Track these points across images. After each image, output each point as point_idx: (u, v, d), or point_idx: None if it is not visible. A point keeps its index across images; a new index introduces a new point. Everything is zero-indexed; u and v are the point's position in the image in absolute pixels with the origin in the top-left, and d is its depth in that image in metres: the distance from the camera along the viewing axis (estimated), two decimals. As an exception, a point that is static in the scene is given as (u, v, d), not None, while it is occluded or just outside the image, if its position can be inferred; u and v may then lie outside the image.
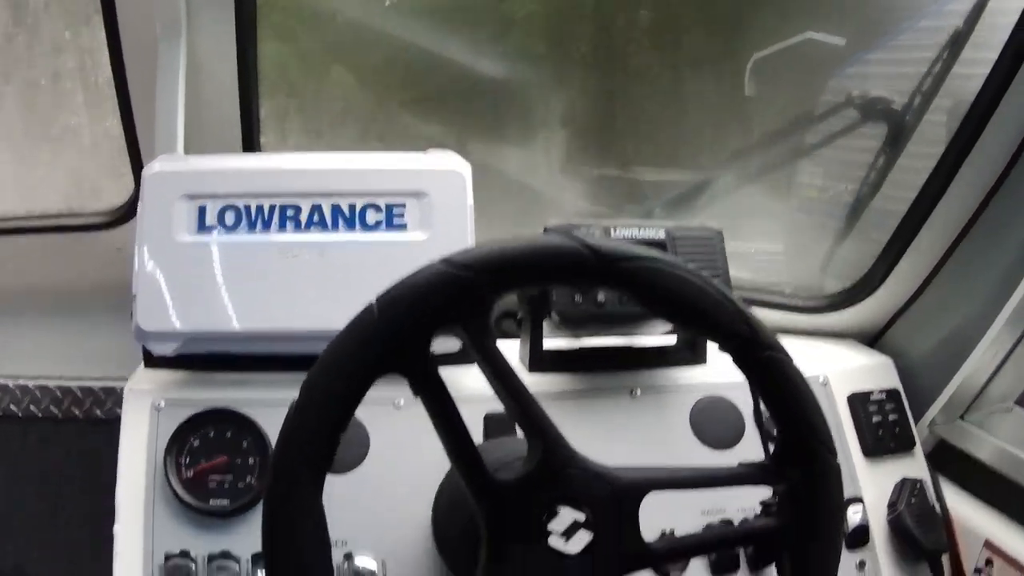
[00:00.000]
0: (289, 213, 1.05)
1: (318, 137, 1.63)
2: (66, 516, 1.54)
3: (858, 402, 1.26)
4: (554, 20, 1.78)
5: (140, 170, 1.11)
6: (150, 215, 1.06)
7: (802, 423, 0.81)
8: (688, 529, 0.86)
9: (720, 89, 1.75)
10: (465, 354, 0.76)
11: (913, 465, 1.27)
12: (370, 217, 1.06)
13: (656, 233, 1.14)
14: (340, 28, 1.65)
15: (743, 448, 1.15)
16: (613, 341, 1.22)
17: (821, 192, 1.72)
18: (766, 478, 0.84)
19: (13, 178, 1.60)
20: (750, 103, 1.72)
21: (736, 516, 1.10)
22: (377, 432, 1.05)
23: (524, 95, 1.72)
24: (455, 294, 0.72)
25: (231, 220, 1.05)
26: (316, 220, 1.05)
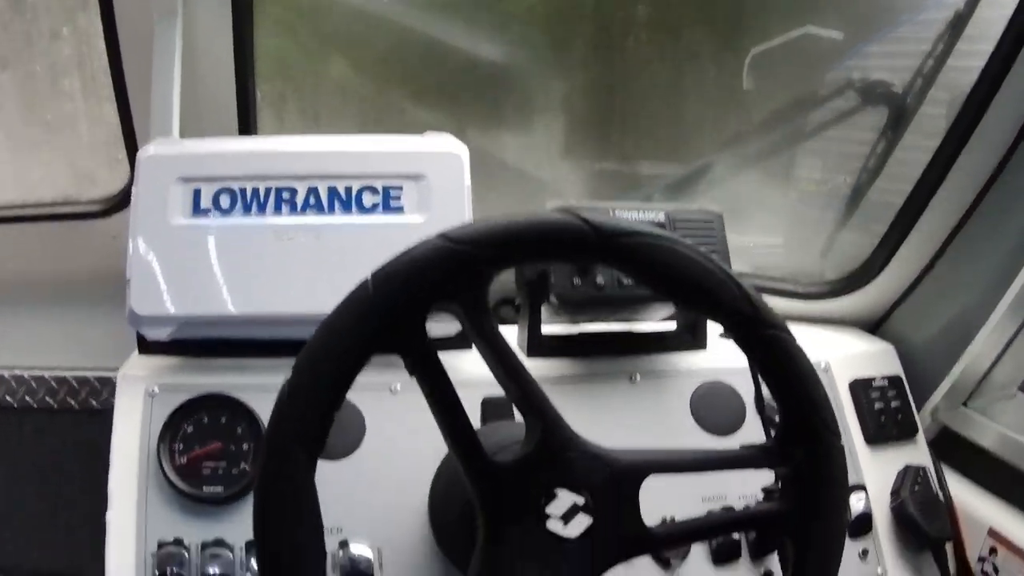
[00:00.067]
0: (285, 196, 1.04)
1: (315, 122, 1.62)
2: (63, 506, 1.53)
3: (860, 388, 1.26)
4: (554, 15, 1.77)
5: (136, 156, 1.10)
6: (144, 199, 1.04)
7: (805, 402, 0.80)
8: (689, 516, 0.85)
9: (719, 82, 1.75)
10: (463, 339, 0.75)
11: (916, 452, 1.27)
12: (367, 200, 1.05)
13: (656, 216, 1.13)
14: (339, 14, 1.65)
15: (744, 435, 1.15)
16: (612, 326, 1.21)
17: (820, 185, 1.71)
18: (769, 460, 0.83)
19: (8, 166, 1.59)
20: (749, 96, 1.72)
21: (738, 503, 1.09)
22: (373, 417, 1.04)
23: (524, 85, 1.71)
24: (452, 268, 0.71)
25: (226, 203, 1.04)
26: (312, 203, 1.04)
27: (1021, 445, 1.18)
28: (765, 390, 0.83)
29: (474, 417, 1.03)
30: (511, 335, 1.18)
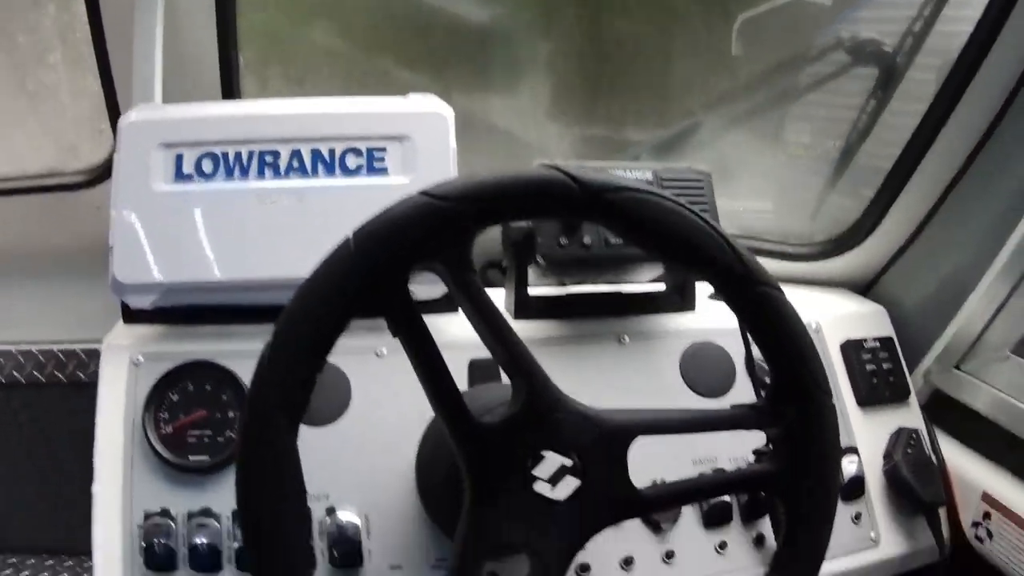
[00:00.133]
0: (268, 159, 1.02)
1: (299, 86, 1.60)
2: (54, 481, 1.52)
3: (851, 349, 1.25)
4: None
5: (119, 123, 1.08)
6: (126, 165, 1.03)
7: (797, 361, 0.79)
8: (679, 479, 0.84)
9: (709, 47, 1.73)
10: (449, 301, 0.74)
11: (908, 415, 1.26)
12: (350, 162, 1.03)
13: (644, 174, 1.12)
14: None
15: (734, 397, 1.14)
16: (601, 288, 1.20)
17: (810, 149, 1.70)
18: (760, 420, 0.82)
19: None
20: (738, 62, 1.70)
21: (729, 465, 1.08)
22: (359, 382, 1.03)
23: (511, 48, 1.70)
24: (434, 225, 0.70)
25: (209, 168, 1.03)
26: (295, 166, 1.03)
27: (1015, 408, 1.18)
28: (756, 351, 0.82)
29: (461, 380, 1.03)
30: (499, 298, 1.17)
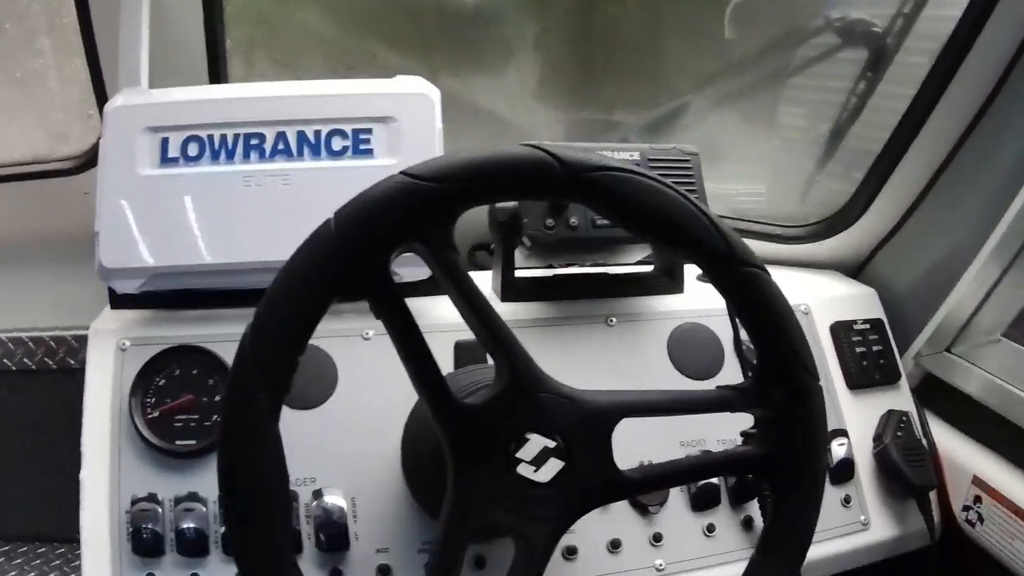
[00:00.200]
0: (253, 142, 1.02)
1: (285, 69, 1.60)
2: (46, 468, 1.51)
3: (841, 331, 1.25)
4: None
5: (107, 108, 1.08)
6: (112, 150, 1.03)
7: (783, 342, 0.78)
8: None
9: (701, 30, 1.72)
10: (436, 283, 0.73)
11: (899, 398, 1.26)
12: (336, 144, 1.03)
13: (630, 155, 1.11)
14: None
15: (722, 379, 1.13)
16: (588, 269, 1.20)
17: (803, 132, 1.70)
18: (746, 401, 0.81)
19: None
20: (730, 45, 1.69)
21: (717, 448, 1.08)
22: (345, 365, 1.03)
23: (500, 30, 1.69)
24: (415, 205, 0.69)
25: (194, 151, 1.02)
26: (281, 148, 1.02)
27: (1006, 391, 1.18)
28: (744, 332, 0.81)
29: (448, 362, 1.03)
30: (487, 280, 1.16)
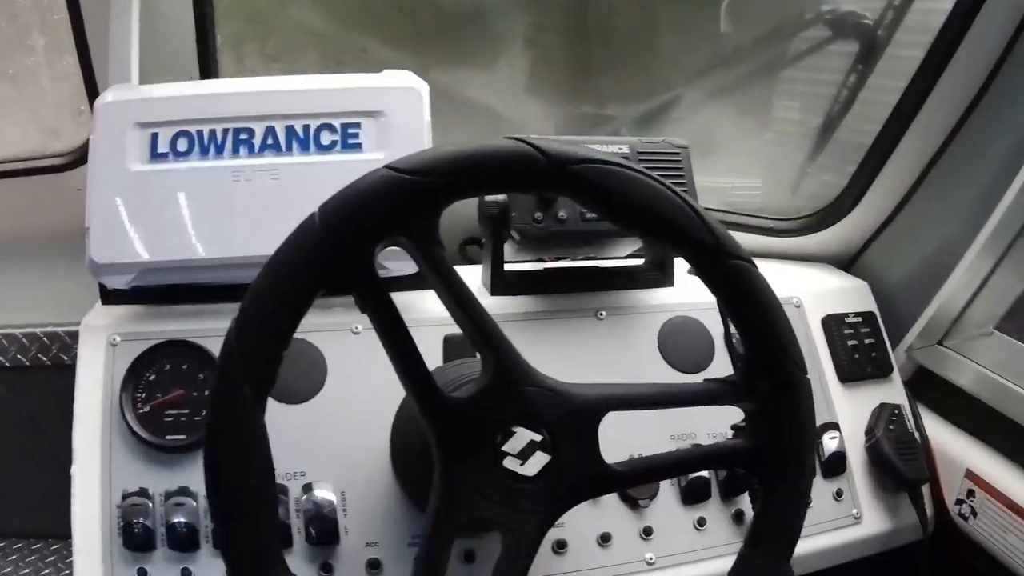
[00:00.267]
0: (242, 137, 1.02)
1: (275, 63, 1.60)
2: (39, 464, 1.51)
3: (833, 324, 1.25)
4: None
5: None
6: (103, 146, 1.03)
7: (769, 335, 0.78)
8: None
9: (695, 23, 1.72)
10: (424, 277, 0.73)
11: (891, 391, 1.26)
12: (325, 138, 1.03)
13: (619, 148, 1.11)
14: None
15: (713, 372, 1.11)
16: (578, 263, 1.20)
17: (798, 126, 1.70)
18: (733, 395, 0.81)
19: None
20: (726, 40, 1.69)
21: (707, 441, 1.08)
22: (335, 359, 1.03)
23: (492, 25, 1.69)
24: (399, 199, 0.69)
25: (184, 147, 1.03)
26: (270, 143, 1.03)
27: (998, 385, 1.17)
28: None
29: (437, 356, 1.03)
30: (477, 274, 1.17)
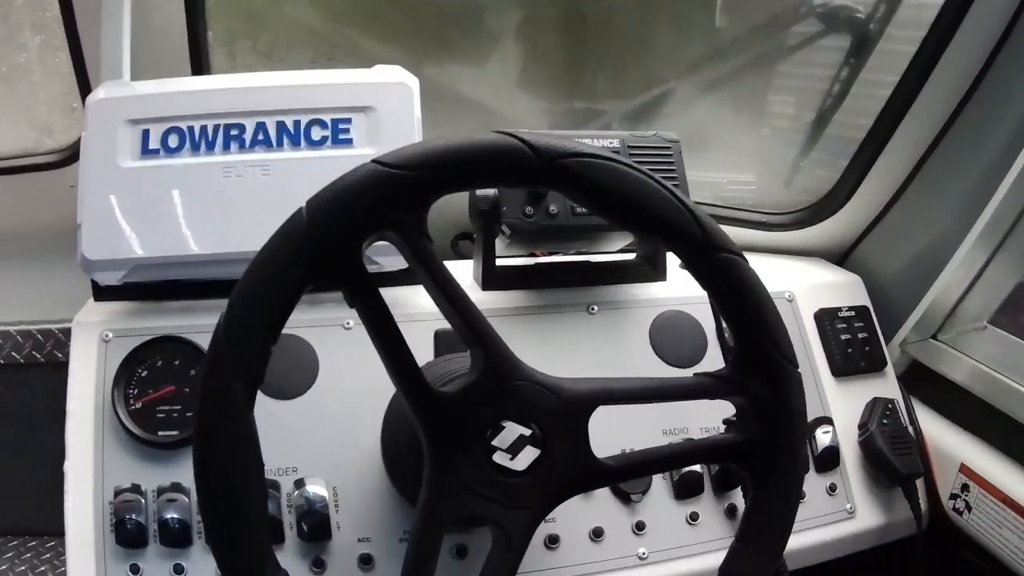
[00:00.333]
0: (233, 133, 1.02)
1: (267, 59, 1.59)
2: (33, 461, 1.51)
3: (825, 318, 1.25)
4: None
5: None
6: (94, 143, 1.03)
7: (760, 329, 0.78)
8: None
9: (689, 17, 1.72)
10: (414, 273, 0.73)
11: (885, 386, 1.26)
12: (315, 133, 1.03)
13: (610, 142, 1.11)
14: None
15: (705, 367, 1.13)
16: (570, 257, 1.20)
17: (792, 121, 1.69)
18: (724, 389, 0.81)
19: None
20: (721, 34, 1.69)
21: (699, 436, 1.08)
22: (326, 355, 1.03)
23: (485, 20, 1.68)
24: (386, 193, 0.69)
25: (175, 143, 1.02)
26: (261, 139, 1.02)
27: (993, 379, 1.17)
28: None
29: (428, 351, 1.03)
30: (470, 269, 1.16)
